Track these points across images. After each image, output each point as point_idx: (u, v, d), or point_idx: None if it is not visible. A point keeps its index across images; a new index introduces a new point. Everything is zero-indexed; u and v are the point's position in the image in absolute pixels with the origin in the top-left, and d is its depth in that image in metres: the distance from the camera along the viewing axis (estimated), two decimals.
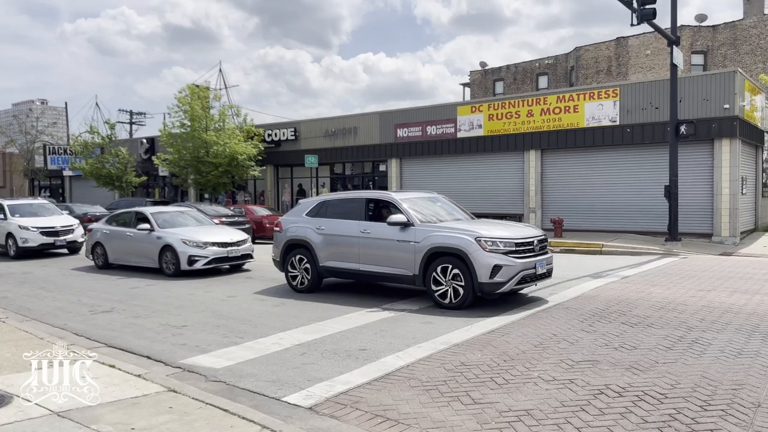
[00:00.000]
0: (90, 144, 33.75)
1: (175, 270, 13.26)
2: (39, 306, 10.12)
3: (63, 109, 55.71)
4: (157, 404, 4.92)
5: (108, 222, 15.67)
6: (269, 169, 31.44)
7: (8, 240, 17.90)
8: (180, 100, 28.19)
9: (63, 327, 8.39)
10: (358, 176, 29.81)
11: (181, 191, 34.81)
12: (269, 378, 5.84)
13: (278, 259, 11.30)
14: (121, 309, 9.75)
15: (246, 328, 8.11)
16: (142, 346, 7.25)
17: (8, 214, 18.39)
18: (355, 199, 10.70)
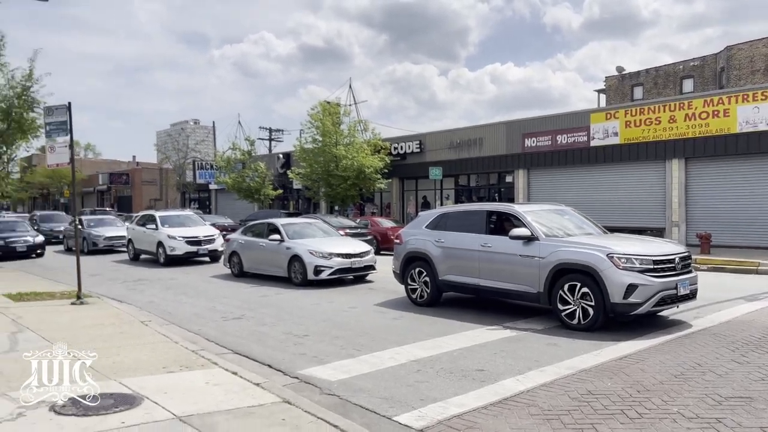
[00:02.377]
0: (232, 160, 36.28)
1: (303, 279, 13.70)
2: (179, 311, 10.86)
3: (211, 128, 60.60)
4: (271, 415, 4.97)
5: (244, 232, 16.61)
6: (395, 181, 31.84)
7: (158, 248, 19.58)
8: (312, 117, 29.45)
9: (197, 332, 8.89)
10: (483, 188, 29.29)
11: (313, 203, 36.31)
12: (382, 394, 5.72)
13: (398, 271, 11.26)
14: (250, 316, 10.19)
15: (363, 340, 8.09)
16: (264, 354, 7.46)
17: (159, 224, 20.13)
18: (476, 211, 10.38)
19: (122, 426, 4.64)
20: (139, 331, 8.64)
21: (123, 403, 5.17)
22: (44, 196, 69.46)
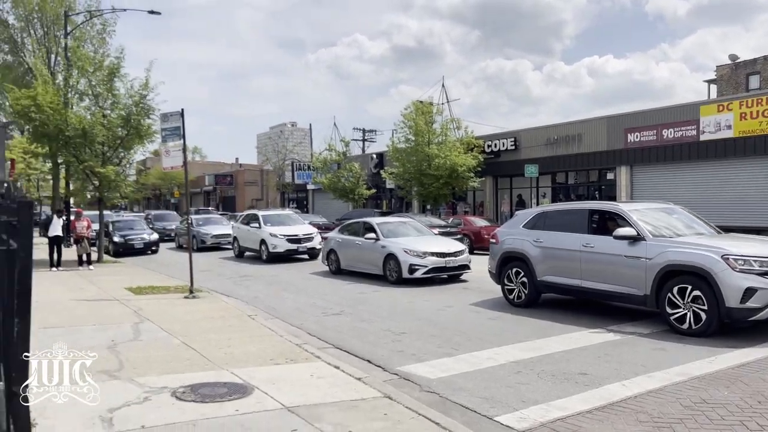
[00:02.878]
0: (328, 160, 37.27)
1: (398, 278, 13.87)
2: (282, 306, 11.34)
3: (307, 130, 62.63)
4: (374, 409, 5.11)
5: (340, 231, 17.06)
6: (488, 179, 31.43)
7: (261, 246, 20.49)
8: (405, 116, 29.68)
9: (299, 327, 9.25)
10: (582, 185, 28.29)
11: (405, 203, 36.60)
12: (482, 394, 5.71)
13: (494, 271, 11.14)
14: (348, 312, 10.47)
15: (460, 339, 8.10)
16: (364, 350, 7.65)
17: (262, 223, 21.06)
18: (577, 210, 10.07)
19: (236, 413, 4.94)
20: (247, 325, 9.12)
21: (236, 392, 5.50)
22: (156, 197, 74.60)
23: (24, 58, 27.42)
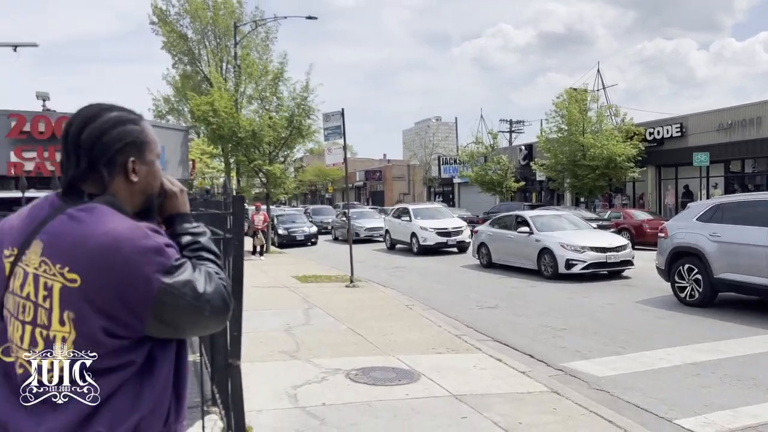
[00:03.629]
0: (475, 153, 37.07)
1: (553, 273, 13.49)
2: (437, 297, 11.55)
3: (453, 124, 62.75)
4: (541, 403, 5.07)
5: (491, 224, 16.94)
6: (650, 169, 29.32)
7: (412, 238, 20.97)
8: (557, 105, 28.65)
9: (456, 318, 9.38)
10: (761, 175, 25.40)
11: (557, 195, 35.35)
12: (657, 395, 5.42)
13: (662, 267, 10.41)
14: (503, 306, 10.40)
15: (627, 338, 7.71)
16: (523, 345, 7.58)
17: (412, 216, 21.54)
18: (763, 201, 9.10)
19: (407, 397, 5.17)
20: (405, 314, 9.43)
21: (404, 377, 5.74)
22: (312, 192, 79.12)
23: (201, 68, 30.48)
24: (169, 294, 1.40)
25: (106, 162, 1.50)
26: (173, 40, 30.50)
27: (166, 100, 33.85)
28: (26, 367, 1.44)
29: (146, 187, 1.57)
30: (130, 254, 1.38)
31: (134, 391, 1.43)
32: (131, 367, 1.43)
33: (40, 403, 1.42)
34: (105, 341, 1.40)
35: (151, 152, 1.59)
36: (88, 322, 1.39)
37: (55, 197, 1.52)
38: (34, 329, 1.44)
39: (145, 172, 1.56)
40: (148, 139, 1.59)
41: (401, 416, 4.72)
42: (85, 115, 1.53)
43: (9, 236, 1.52)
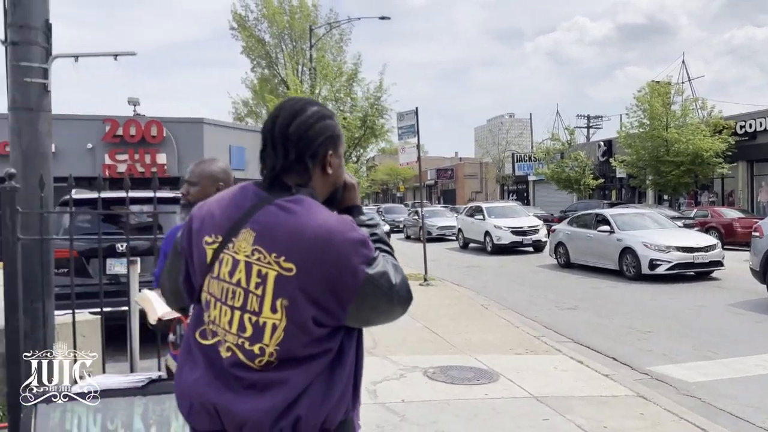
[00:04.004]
0: (551, 150, 36.18)
1: (636, 273, 12.98)
2: (512, 297, 11.37)
3: (527, 120, 61.50)
4: (627, 408, 4.90)
5: (570, 223, 16.50)
6: (741, 165, 27.60)
7: (486, 237, 20.73)
8: (638, 99, 27.53)
9: (533, 318, 9.20)
10: None
11: (638, 193, 33.95)
12: (753, 404, 5.13)
13: (757, 269, 9.80)
14: (584, 307, 10.11)
15: (719, 342, 7.32)
16: (606, 347, 7.34)
17: (486, 215, 21.30)
18: None
19: (486, 397, 5.13)
20: (480, 313, 9.35)
21: (482, 377, 5.70)
22: (384, 191, 79.69)
23: (277, 71, 31.34)
24: (371, 285, 1.46)
25: (311, 154, 1.56)
26: (252, 44, 31.51)
27: (245, 102, 35.03)
28: (234, 350, 1.50)
29: (336, 179, 1.64)
30: (341, 245, 1.45)
31: (327, 379, 1.50)
32: (329, 355, 1.50)
33: (247, 386, 1.48)
34: (313, 330, 1.47)
35: (341, 146, 1.67)
36: (301, 311, 1.46)
37: (257, 188, 1.58)
38: (243, 314, 1.49)
39: (337, 165, 1.63)
40: (340, 133, 1.67)
41: (481, 416, 4.70)
42: (292, 108, 1.59)
43: (209, 223, 1.58)
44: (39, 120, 4.19)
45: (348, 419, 1.56)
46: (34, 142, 4.17)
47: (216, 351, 1.52)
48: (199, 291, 1.59)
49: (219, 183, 2.64)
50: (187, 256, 1.63)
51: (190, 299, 1.65)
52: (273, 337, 1.47)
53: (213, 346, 1.53)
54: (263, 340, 1.48)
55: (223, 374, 1.50)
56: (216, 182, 2.63)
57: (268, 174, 1.57)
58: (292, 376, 1.47)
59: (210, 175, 2.63)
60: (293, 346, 1.47)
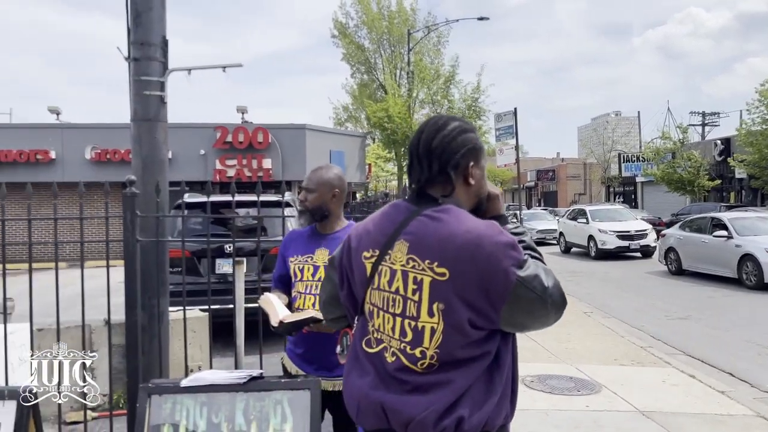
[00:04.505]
0: (661, 149, 34.13)
1: (757, 282, 11.95)
2: (617, 304, 10.84)
3: (635, 118, 58.46)
4: (746, 428, 4.54)
5: (682, 227, 15.49)
6: None
7: (589, 242, 19.92)
8: (762, 93, 25.38)
9: (640, 328, 8.73)
10: None
11: (761, 195, 31.25)
12: None
13: None
14: (696, 318, 9.46)
15: None
16: (721, 361, 6.82)
17: (590, 218, 20.46)
18: None
19: (587, 409, 4.93)
20: (583, 321, 8.99)
21: (583, 387, 5.49)
22: None
23: (376, 76, 31.85)
24: (523, 287, 1.50)
25: (453, 166, 1.64)
26: (351, 51, 32.23)
27: (345, 108, 35.88)
28: (398, 355, 1.60)
29: (479, 190, 1.70)
30: (491, 249, 1.50)
31: (487, 382, 1.56)
32: (487, 358, 1.56)
33: (412, 389, 1.58)
34: (469, 332, 1.54)
35: (483, 158, 1.73)
36: (456, 313, 1.53)
37: (406, 202, 1.69)
38: (403, 320, 1.60)
39: (479, 176, 1.69)
40: (482, 146, 1.74)
41: (582, 428, 4.52)
42: (435, 124, 1.70)
43: (366, 240, 1.71)
44: (157, 129, 4.51)
45: (506, 426, 1.61)
46: (153, 150, 4.49)
47: (382, 357, 1.63)
48: (362, 303, 1.72)
49: (335, 190, 2.69)
50: (348, 272, 1.76)
51: (354, 312, 1.78)
52: (432, 340, 1.54)
53: (378, 353, 1.64)
54: (423, 343, 1.56)
55: (390, 378, 1.60)
56: (332, 189, 2.68)
57: (414, 187, 1.68)
58: (454, 378, 1.54)
59: (327, 182, 2.68)
60: (452, 348, 1.54)
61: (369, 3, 31.14)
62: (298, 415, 2.27)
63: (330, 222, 2.72)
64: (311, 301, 2.63)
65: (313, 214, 2.69)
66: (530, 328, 1.60)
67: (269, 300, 2.49)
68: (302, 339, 2.67)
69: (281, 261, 2.82)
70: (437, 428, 1.52)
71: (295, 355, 2.73)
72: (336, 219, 2.74)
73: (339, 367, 2.62)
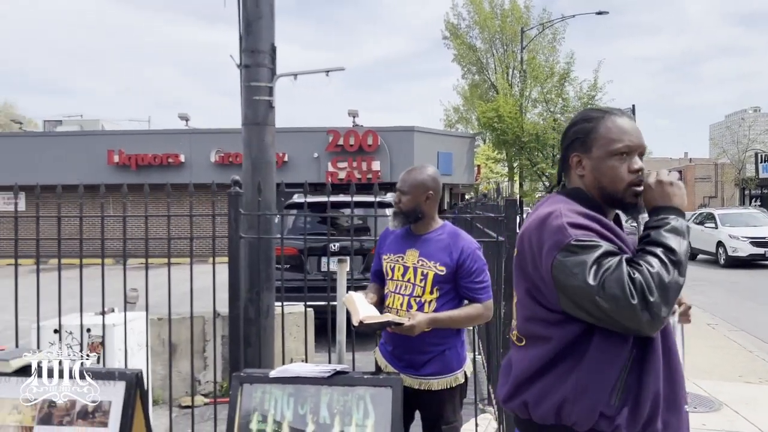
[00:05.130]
0: None
1: None
2: (747, 317, 9.91)
3: None
4: None
5: None
6: None
7: (718, 248, 18.37)
8: None
9: None
10: None
11: None
12: None
13: None
14: None
15: None
16: None
17: (719, 223, 18.88)
18: None
19: (703, 428, 4.56)
20: (706, 333, 8.32)
21: (701, 404, 5.08)
22: None
23: (488, 76, 31.44)
24: (560, 270, 1.48)
25: (562, 158, 1.73)
26: (463, 51, 32.02)
27: (456, 109, 35.74)
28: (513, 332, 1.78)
29: (593, 181, 1.64)
30: (541, 230, 1.55)
31: (560, 371, 1.54)
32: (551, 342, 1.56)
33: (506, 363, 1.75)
34: (529, 304, 1.62)
35: (599, 148, 1.63)
36: (520, 284, 1.66)
37: None
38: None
39: (591, 166, 1.64)
40: (595, 136, 1.65)
41: None
42: (572, 119, 1.77)
43: None
44: (265, 133, 4.74)
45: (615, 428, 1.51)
46: (261, 152, 4.73)
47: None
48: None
49: (428, 191, 2.69)
50: None
51: None
52: (517, 315, 1.69)
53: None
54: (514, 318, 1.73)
55: None
56: (426, 191, 2.69)
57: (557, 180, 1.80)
58: (524, 357, 1.61)
59: (420, 183, 2.69)
60: (523, 322, 1.64)
61: (481, 2, 30.78)
62: (380, 412, 2.30)
63: (424, 223, 2.73)
64: (399, 300, 2.65)
65: (407, 216, 2.70)
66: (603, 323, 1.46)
67: (352, 299, 2.54)
68: (391, 337, 2.71)
69: (377, 257, 2.88)
70: (508, 407, 1.66)
71: (386, 352, 2.77)
72: (430, 220, 2.74)
73: (426, 365, 2.63)
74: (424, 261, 2.65)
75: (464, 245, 2.65)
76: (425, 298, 2.62)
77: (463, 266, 2.62)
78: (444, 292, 2.63)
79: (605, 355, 1.49)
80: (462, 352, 2.74)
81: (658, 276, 1.41)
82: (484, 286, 2.66)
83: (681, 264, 1.46)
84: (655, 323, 1.41)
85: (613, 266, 1.43)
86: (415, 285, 2.64)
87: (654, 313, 1.39)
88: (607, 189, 1.62)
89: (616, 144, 1.62)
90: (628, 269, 1.43)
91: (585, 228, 1.50)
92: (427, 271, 2.63)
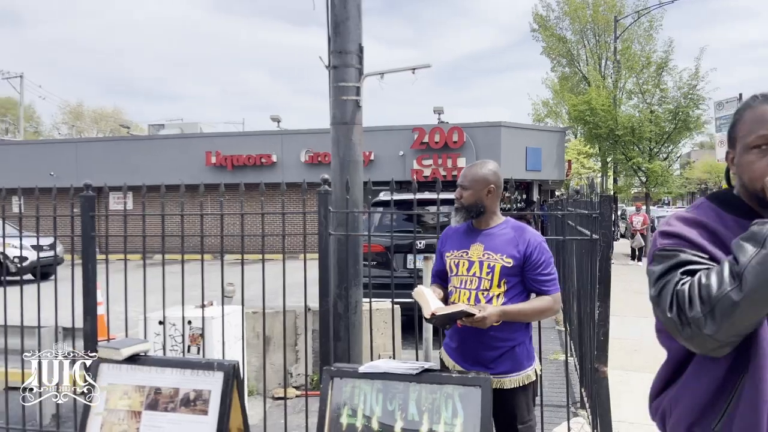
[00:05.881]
0: None
1: None
2: None
3: None
4: None
5: None
6: None
7: None
8: None
9: None
10: None
11: None
12: None
13: None
14: None
15: None
16: None
17: None
18: None
19: None
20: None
21: None
22: (702, 192, 70.68)
23: (579, 68, 30.36)
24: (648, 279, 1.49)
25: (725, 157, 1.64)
26: (552, 44, 31.10)
27: (545, 103, 34.77)
28: None
29: (739, 179, 1.50)
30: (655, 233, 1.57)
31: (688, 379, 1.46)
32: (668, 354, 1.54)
33: None
34: None
35: (739, 142, 1.49)
36: None
37: None
38: None
39: (737, 164, 1.51)
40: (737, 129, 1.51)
41: None
42: None
43: None
44: (353, 132, 4.82)
45: None
46: (349, 151, 4.81)
47: None
48: None
49: (490, 186, 2.68)
50: None
51: None
52: None
53: None
54: None
55: None
56: (487, 185, 2.68)
57: None
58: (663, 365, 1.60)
59: (482, 178, 2.68)
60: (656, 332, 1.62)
61: None
62: (469, 412, 2.27)
63: (485, 218, 2.71)
64: (466, 295, 2.63)
65: (469, 211, 2.69)
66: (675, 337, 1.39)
67: (422, 292, 2.54)
68: (455, 333, 2.69)
69: (439, 256, 2.87)
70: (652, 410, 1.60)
71: (450, 350, 2.76)
72: (492, 215, 2.72)
73: (495, 362, 2.58)
74: (490, 254, 2.63)
75: (530, 238, 2.63)
76: (493, 292, 2.60)
77: (531, 258, 2.59)
78: (512, 285, 2.61)
79: (697, 374, 1.42)
80: (531, 348, 2.71)
81: (706, 289, 1.26)
82: (551, 279, 2.63)
83: (741, 276, 1.23)
84: (701, 341, 1.28)
85: (672, 277, 1.37)
86: (481, 279, 2.62)
87: (695, 329, 1.27)
88: (748, 187, 1.45)
89: (750, 136, 1.44)
90: (680, 279, 1.35)
91: (675, 236, 1.44)
92: (494, 263, 2.60)
